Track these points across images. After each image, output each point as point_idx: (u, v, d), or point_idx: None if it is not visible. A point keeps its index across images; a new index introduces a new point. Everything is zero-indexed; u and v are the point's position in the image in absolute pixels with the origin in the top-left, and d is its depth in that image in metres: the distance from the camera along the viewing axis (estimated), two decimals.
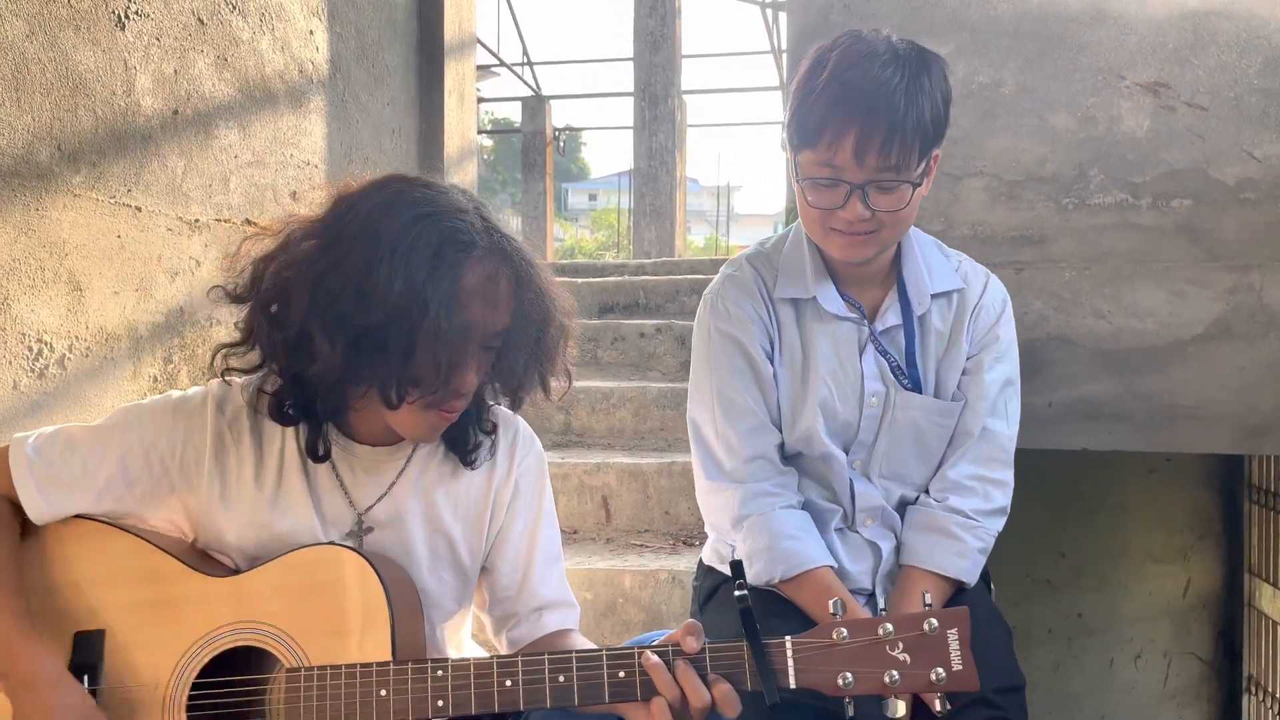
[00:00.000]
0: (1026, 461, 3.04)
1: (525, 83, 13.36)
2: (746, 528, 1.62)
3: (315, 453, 1.34)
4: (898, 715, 1.13)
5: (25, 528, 1.34)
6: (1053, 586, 4.35)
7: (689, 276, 4.19)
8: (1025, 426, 2.77)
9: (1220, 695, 4.36)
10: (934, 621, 1.12)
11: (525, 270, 1.29)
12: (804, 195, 1.56)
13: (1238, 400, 2.66)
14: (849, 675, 1.12)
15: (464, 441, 1.41)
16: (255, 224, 1.35)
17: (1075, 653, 4.37)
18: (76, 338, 2.38)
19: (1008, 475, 1.70)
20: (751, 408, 1.65)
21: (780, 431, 1.67)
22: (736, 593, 1.15)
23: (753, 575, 1.60)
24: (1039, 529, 4.25)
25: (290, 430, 1.36)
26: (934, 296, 1.67)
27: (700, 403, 1.71)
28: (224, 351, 1.33)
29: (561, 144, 14.00)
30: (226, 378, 1.35)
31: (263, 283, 1.27)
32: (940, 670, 1.11)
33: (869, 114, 1.44)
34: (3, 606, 1.24)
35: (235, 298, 1.31)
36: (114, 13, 2.48)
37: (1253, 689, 4.04)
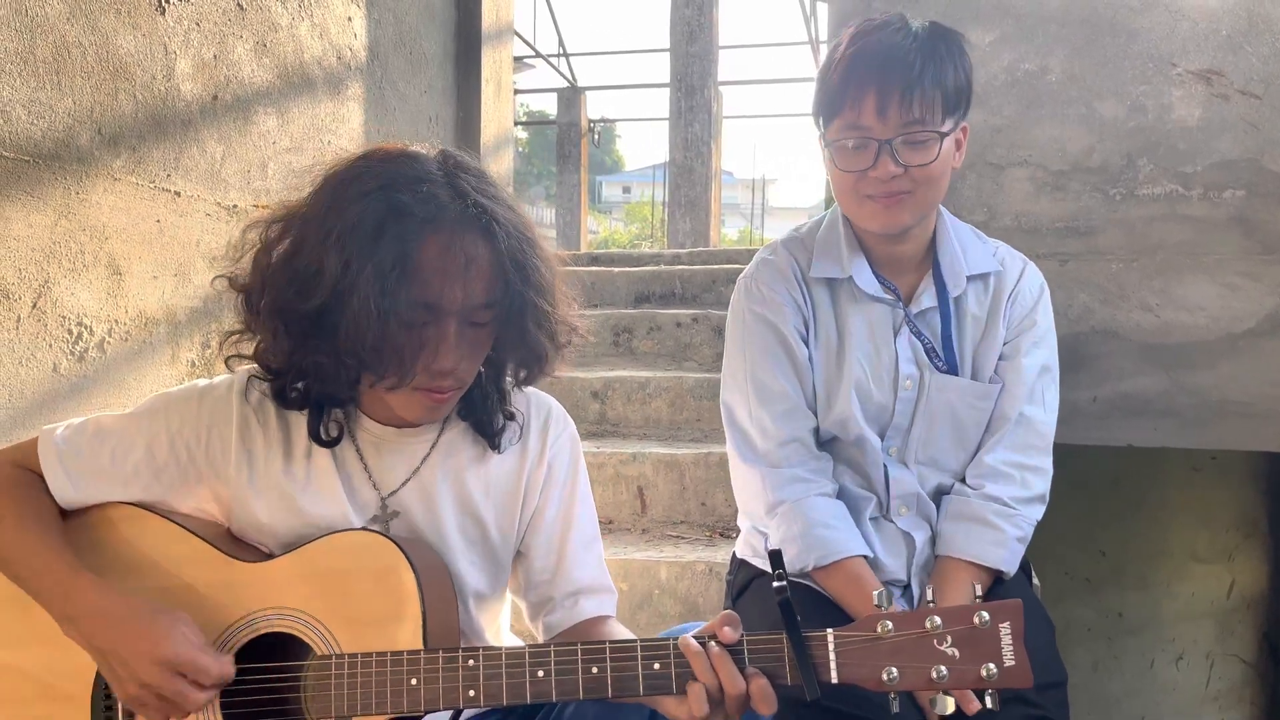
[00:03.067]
0: (1068, 457, 2.98)
1: (561, 74, 13.34)
2: (780, 514, 1.60)
3: (319, 438, 1.32)
4: (946, 712, 1.09)
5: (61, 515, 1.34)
6: (1093, 585, 4.29)
7: (725, 266, 4.15)
8: (1068, 421, 2.72)
9: (1263, 698, 4.28)
10: (985, 615, 1.06)
11: (506, 238, 1.21)
12: (835, 164, 1.57)
13: None
14: (894, 670, 1.06)
15: (489, 424, 1.38)
16: (267, 208, 1.32)
17: (1115, 652, 4.30)
18: (116, 321, 2.39)
19: (1046, 462, 1.66)
20: (785, 391, 1.64)
21: (815, 415, 1.66)
22: (775, 584, 1.10)
23: (787, 562, 1.56)
24: (1079, 526, 4.18)
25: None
26: (970, 279, 1.65)
27: (734, 387, 1.70)
28: (231, 339, 1.32)
29: (596, 136, 13.98)
30: (229, 364, 1.34)
31: (258, 271, 1.26)
32: (991, 666, 1.05)
33: (884, 72, 1.48)
34: (52, 555, 1.24)
35: (237, 286, 1.29)
36: None
37: None
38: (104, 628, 1.20)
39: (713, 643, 1.12)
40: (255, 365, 1.32)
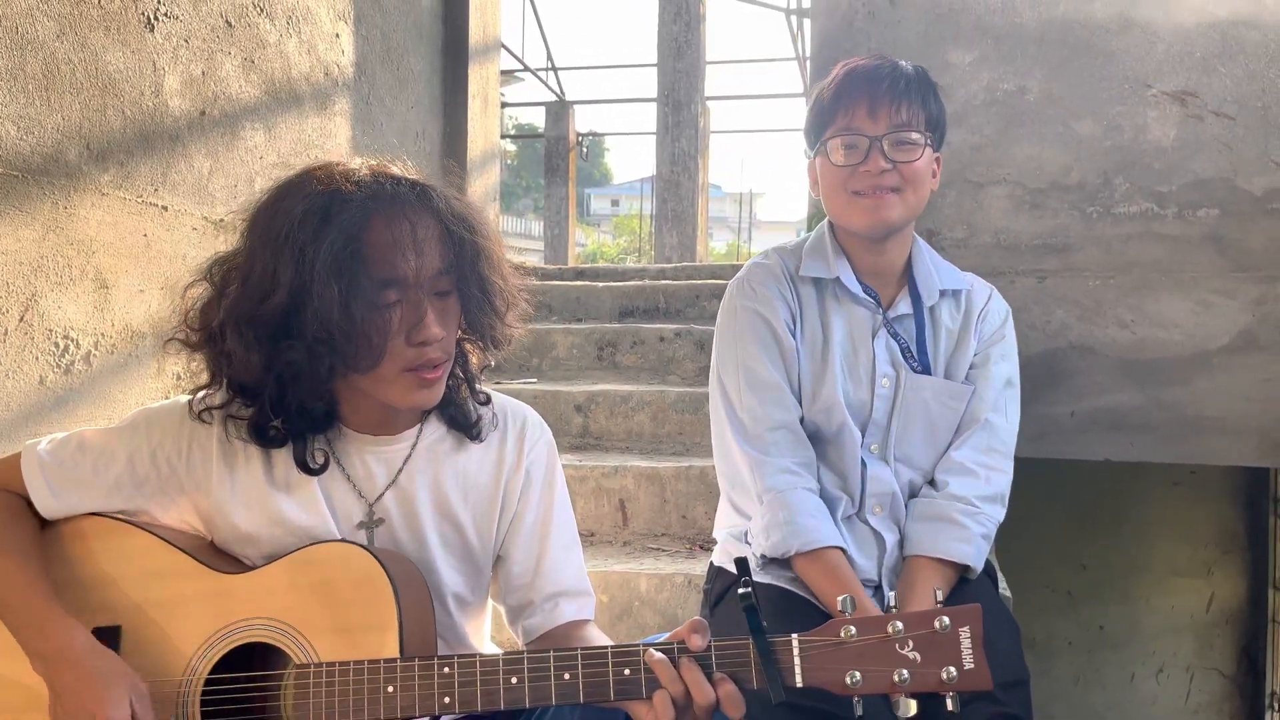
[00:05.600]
0: (1049, 472, 3.01)
1: (549, 88, 13.40)
2: (768, 501, 1.66)
3: (308, 468, 1.34)
4: (909, 715, 1.11)
5: (42, 526, 1.35)
6: (1074, 599, 4.32)
7: (709, 281, 4.18)
8: (1046, 436, 2.76)
9: (1243, 712, 4.31)
10: (945, 619, 1.09)
11: (444, 203, 1.28)
12: (829, 161, 1.70)
13: (1263, 412, 2.64)
14: (857, 674, 1.10)
15: (465, 416, 1.42)
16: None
17: (1096, 666, 4.34)
18: (102, 335, 2.41)
19: (1007, 466, 1.75)
20: (775, 380, 1.72)
21: (800, 406, 1.74)
22: (741, 590, 1.14)
23: (770, 545, 1.63)
24: (1061, 541, 4.22)
25: None
26: (942, 293, 1.78)
27: (725, 374, 1.78)
28: (201, 394, 1.35)
29: (584, 149, 14.03)
30: (204, 417, 1.35)
31: (214, 304, 1.29)
32: (951, 669, 1.08)
33: (874, 83, 1.67)
34: (31, 589, 1.26)
35: (192, 345, 1.32)
36: (143, 14, 2.51)
37: (1276, 706, 3.99)
38: (64, 674, 1.22)
39: (681, 654, 1.15)
40: (230, 407, 1.34)
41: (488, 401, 1.45)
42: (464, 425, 1.42)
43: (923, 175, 1.68)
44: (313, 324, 1.21)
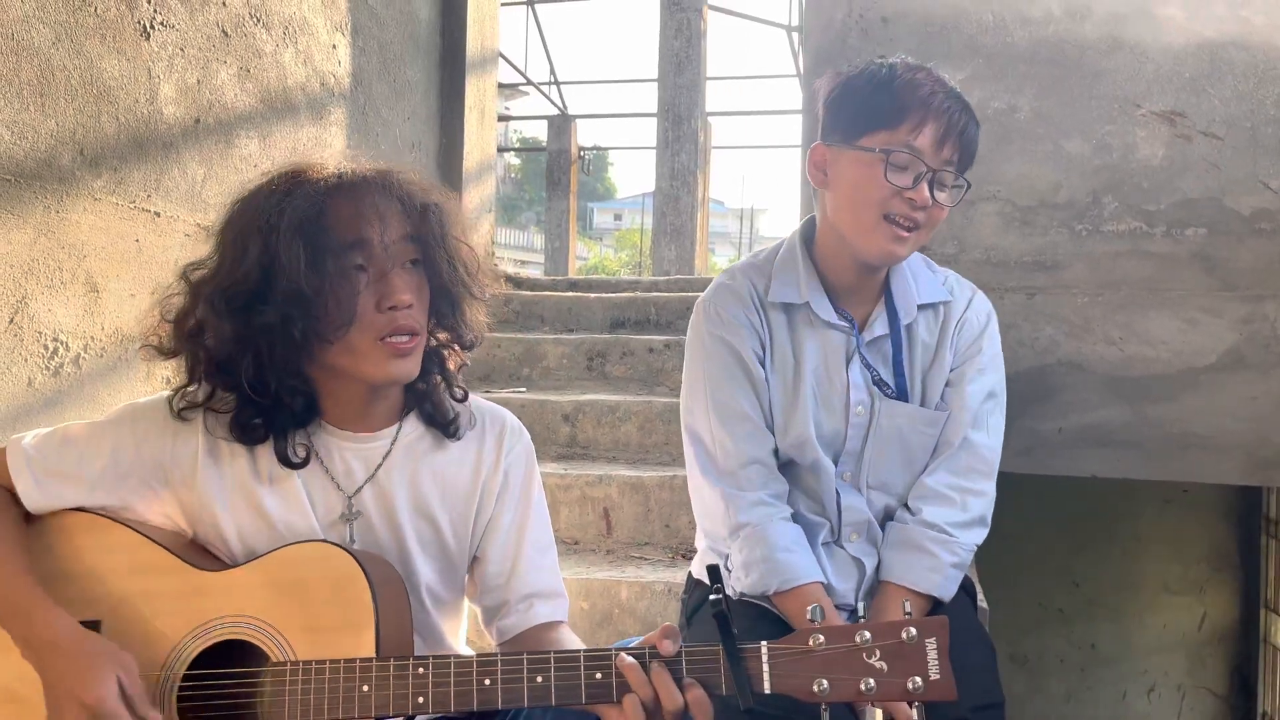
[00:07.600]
0: (1040, 488, 3.02)
1: (552, 101, 13.47)
2: (743, 537, 1.62)
3: (290, 462, 1.36)
4: None
5: (25, 520, 1.37)
6: (1066, 616, 4.32)
7: (700, 294, 4.19)
8: (1034, 451, 2.77)
9: None
10: (912, 630, 1.12)
11: (404, 185, 1.33)
12: (874, 170, 1.54)
13: (1250, 431, 2.64)
14: (825, 682, 1.12)
15: (442, 414, 1.43)
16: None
17: (1088, 684, 4.33)
18: (92, 338, 2.42)
19: (988, 487, 1.69)
20: (746, 412, 1.66)
21: (773, 436, 1.68)
22: (711, 597, 1.15)
23: (749, 585, 1.61)
24: (1052, 557, 4.22)
25: None
26: (921, 307, 1.69)
27: (695, 408, 1.72)
28: (179, 394, 1.37)
29: (587, 163, 14.07)
30: (185, 415, 1.37)
31: (184, 324, 1.33)
32: (917, 679, 1.10)
33: (950, 110, 1.54)
34: (17, 578, 1.28)
35: (166, 352, 1.35)
36: (140, 23, 2.53)
37: None
38: (52, 659, 1.23)
39: (652, 659, 1.16)
40: (212, 401, 1.36)
41: (465, 399, 1.47)
42: (441, 423, 1.43)
43: (939, 222, 1.59)
44: (282, 284, 1.24)
